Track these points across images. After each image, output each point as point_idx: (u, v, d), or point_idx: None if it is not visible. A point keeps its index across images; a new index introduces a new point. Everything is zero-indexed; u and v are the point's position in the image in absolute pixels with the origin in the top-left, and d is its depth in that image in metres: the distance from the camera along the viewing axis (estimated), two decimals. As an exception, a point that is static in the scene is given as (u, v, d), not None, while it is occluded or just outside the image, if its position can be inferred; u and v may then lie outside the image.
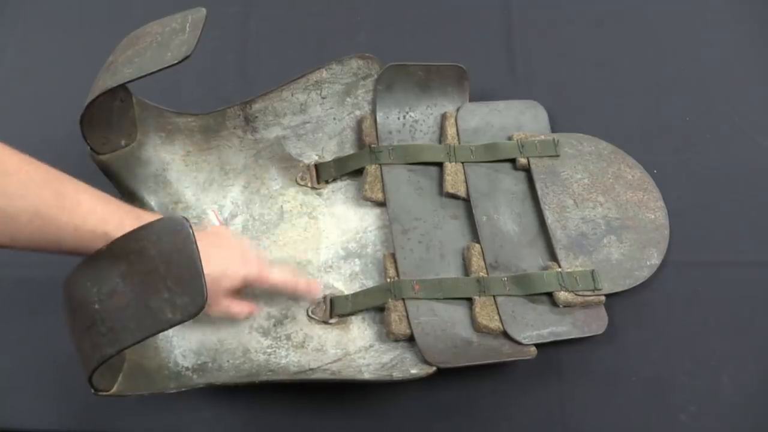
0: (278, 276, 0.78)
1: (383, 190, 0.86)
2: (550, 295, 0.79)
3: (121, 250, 0.58)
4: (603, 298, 0.78)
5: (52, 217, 0.61)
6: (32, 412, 0.82)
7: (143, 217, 0.67)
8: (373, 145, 0.88)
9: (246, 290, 0.80)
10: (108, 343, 0.56)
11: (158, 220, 0.59)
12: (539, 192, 0.84)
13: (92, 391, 0.64)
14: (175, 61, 0.71)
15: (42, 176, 0.61)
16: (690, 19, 0.97)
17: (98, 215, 0.63)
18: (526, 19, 0.99)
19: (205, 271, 0.68)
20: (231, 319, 0.79)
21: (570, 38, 0.98)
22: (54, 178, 0.62)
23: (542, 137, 0.88)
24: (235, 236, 0.77)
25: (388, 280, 0.80)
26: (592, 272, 0.79)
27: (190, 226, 0.57)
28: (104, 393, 0.66)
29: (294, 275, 0.81)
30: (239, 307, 0.77)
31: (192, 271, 0.56)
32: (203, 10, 0.75)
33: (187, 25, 0.74)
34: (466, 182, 0.86)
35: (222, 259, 0.73)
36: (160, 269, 0.56)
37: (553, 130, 0.91)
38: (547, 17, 0.99)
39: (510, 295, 0.79)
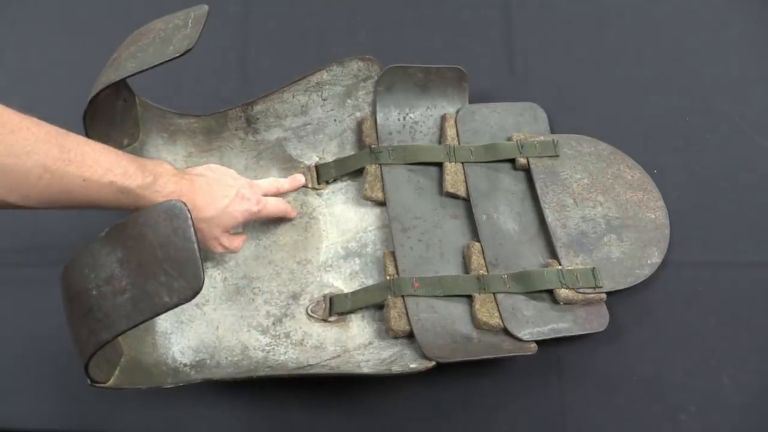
0: (272, 208, 0.83)
1: (383, 190, 0.86)
2: (550, 292, 0.79)
3: (120, 236, 0.58)
4: (604, 295, 0.78)
5: (60, 171, 0.62)
6: (32, 412, 0.82)
7: (147, 165, 0.69)
8: (373, 146, 0.88)
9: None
10: (104, 328, 0.56)
11: (157, 205, 0.59)
12: (539, 191, 0.84)
13: (89, 382, 0.64)
14: (177, 55, 0.72)
15: (44, 132, 0.62)
16: (690, 19, 0.98)
17: (103, 165, 0.65)
18: (526, 19, 0.99)
19: (209, 211, 0.73)
20: (230, 254, 0.83)
21: (570, 38, 0.98)
22: (56, 133, 0.63)
23: (542, 138, 0.88)
24: (230, 173, 0.80)
25: (388, 277, 0.80)
26: (593, 270, 0.79)
27: (189, 211, 0.57)
28: (100, 385, 0.66)
29: (283, 203, 0.85)
30: (236, 242, 0.82)
31: (189, 254, 0.56)
32: (205, 7, 0.76)
33: (190, 21, 0.75)
34: (465, 182, 0.86)
35: (223, 198, 0.76)
36: (158, 253, 0.56)
37: (553, 130, 0.91)
38: (547, 17, 0.99)
39: (510, 293, 0.79)
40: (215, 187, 0.76)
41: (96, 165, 0.64)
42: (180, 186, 0.72)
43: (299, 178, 0.88)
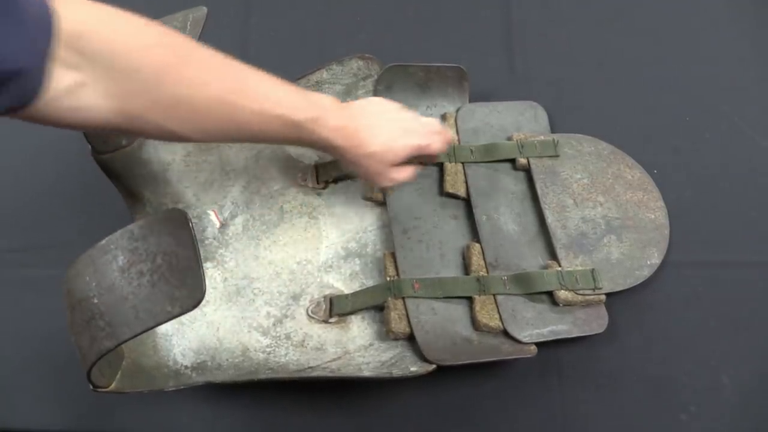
0: (439, 145, 0.78)
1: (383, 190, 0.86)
2: (550, 294, 0.79)
3: (120, 244, 0.58)
4: (603, 297, 0.78)
5: (234, 103, 0.61)
6: (32, 412, 0.83)
7: (313, 98, 0.68)
8: (373, 145, 0.88)
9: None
10: (106, 337, 0.57)
11: (158, 215, 0.59)
12: (539, 192, 0.84)
13: (91, 387, 0.64)
14: None
15: (220, 62, 0.60)
16: (690, 19, 0.97)
17: (273, 98, 0.64)
18: (526, 19, 0.99)
19: (372, 146, 0.70)
20: (398, 184, 0.78)
21: (570, 38, 0.97)
22: (228, 64, 0.62)
23: (542, 137, 0.88)
24: (395, 107, 0.76)
25: (388, 279, 0.80)
26: (592, 271, 0.79)
27: (190, 220, 0.57)
28: (102, 390, 0.66)
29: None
30: (405, 172, 0.77)
31: (191, 264, 0.56)
32: (204, 9, 0.76)
33: (188, 23, 0.75)
34: (465, 182, 0.86)
35: (387, 132, 0.73)
36: (159, 262, 0.56)
37: (553, 130, 0.91)
38: (547, 17, 0.99)
39: (510, 294, 0.79)
40: (378, 120, 0.73)
41: (266, 97, 0.63)
42: (344, 120, 0.70)
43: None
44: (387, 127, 0.73)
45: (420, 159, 0.78)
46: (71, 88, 0.52)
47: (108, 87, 0.54)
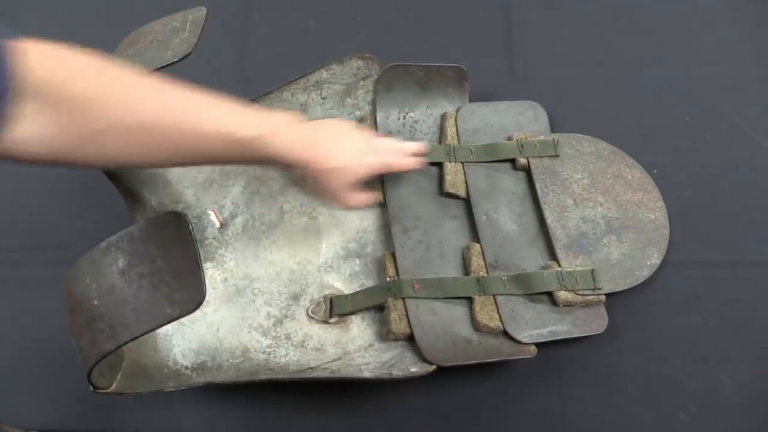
0: (400, 165, 0.80)
1: (383, 190, 0.86)
2: (550, 294, 0.79)
3: (121, 245, 0.58)
4: (603, 297, 0.78)
5: (168, 124, 0.60)
6: (32, 412, 0.82)
7: (263, 116, 0.67)
8: (373, 145, 0.88)
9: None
10: (106, 338, 0.57)
11: (158, 216, 0.59)
12: (539, 192, 0.84)
13: (91, 388, 0.64)
14: (176, 59, 0.72)
15: (162, 86, 0.60)
16: (690, 19, 0.97)
17: (209, 116, 0.63)
18: (526, 19, 0.99)
19: (329, 163, 0.69)
20: (352, 210, 0.78)
21: (570, 38, 0.97)
22: (171, 87, 0.61)
23: (542, 137, 0.88)
24: (350, 126, 0.77)
25: (388, 279, 0.80)
26: (592, 271, 0.79)
27: (190, 223, 0.57)
28: (103, 391, 0.66)
29: (407, 159, 0.81)
30: (358, 199, 0.77)
31: (191, 266, 0.56)
32: (204, 9, 0.75)
33: (188, 24, 0.75)
34: (465, 182, 0.86)
35: (348, 150, 0.73)
36: (160, 265, 0.56)
37: (553, 130, 0.90)
38: (547, 17, 0.99)
39: (510, 295, 0.79)
40: (337, 137, 0.73)
41: (200, 116, 0.62)
42: (304, 134, 0.69)
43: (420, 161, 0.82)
44: (347, 145, 0.74)
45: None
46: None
47: (46, 119, 0.53)
